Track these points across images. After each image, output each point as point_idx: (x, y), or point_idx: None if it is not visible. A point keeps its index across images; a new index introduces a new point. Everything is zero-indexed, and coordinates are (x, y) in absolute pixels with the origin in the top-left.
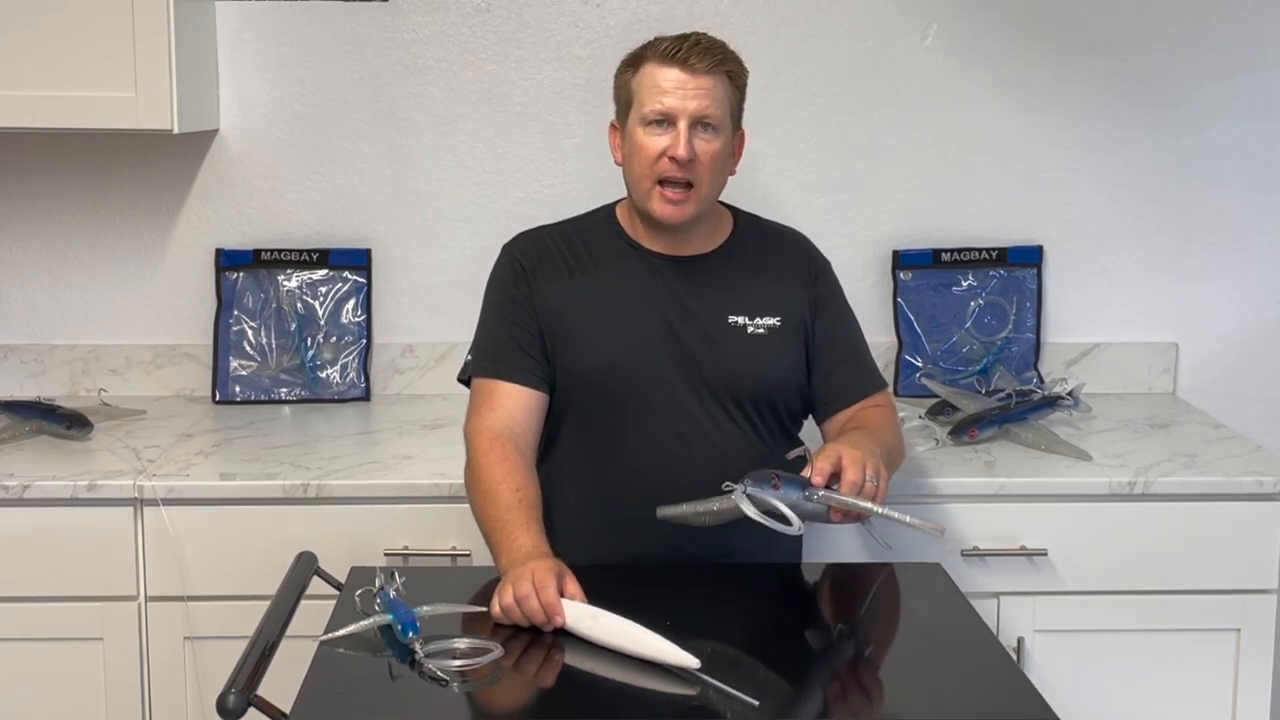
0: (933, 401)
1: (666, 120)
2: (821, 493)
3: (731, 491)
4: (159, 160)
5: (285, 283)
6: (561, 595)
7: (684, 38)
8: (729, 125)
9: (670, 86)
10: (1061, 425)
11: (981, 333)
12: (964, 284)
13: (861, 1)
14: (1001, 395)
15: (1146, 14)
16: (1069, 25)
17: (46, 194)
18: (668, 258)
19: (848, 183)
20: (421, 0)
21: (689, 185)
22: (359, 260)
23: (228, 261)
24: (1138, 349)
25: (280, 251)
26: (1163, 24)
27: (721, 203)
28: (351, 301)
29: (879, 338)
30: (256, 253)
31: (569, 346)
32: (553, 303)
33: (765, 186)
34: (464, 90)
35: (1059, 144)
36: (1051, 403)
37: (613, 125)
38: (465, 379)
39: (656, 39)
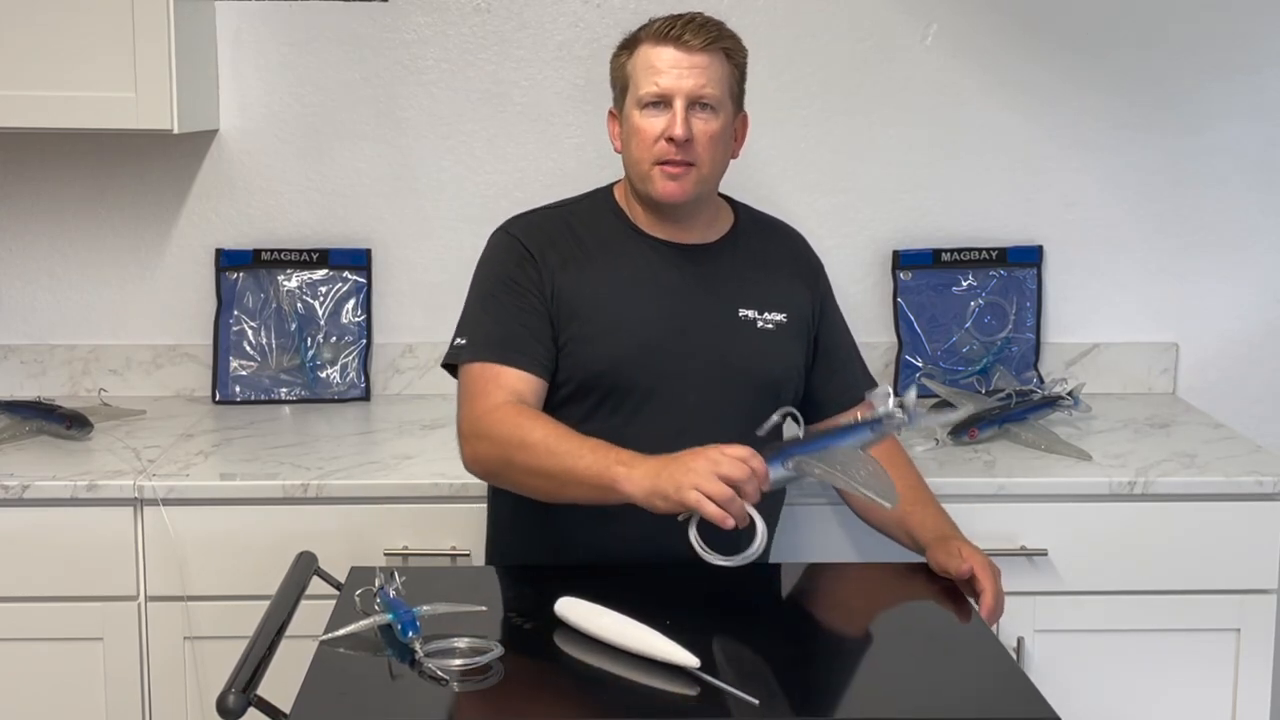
0: (933, 401)
1: (663, 101)
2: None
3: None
4: (159, 160)
5: (285, 283)
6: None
7: (678, 15)
8: (729, 105)
9: (665, 66)
10: (1061, 425)
11: (981, 333)
12: (964, 284)
13: (861, 1)
14: (1001, 395)
15: (1146, 14)
16: (1069, 25)
17: (46, 194)
18: (674, 245)
19: (848, 183)
20: (421, 0)
21: (688, 164)
22: (359, 260)
23: (228, 261)
24: (1138, 349)
25: (280, 251)
26: (1163, 24)
27: (720, 194)
28: (351, 301)
29: (879, 338)
30: (256, 253)
31: (580, 337)
32: (563, 292)
33: (766, 186)
34: (464, 90)
35: (1059, 144)
36: (1051, 403)
37: (611, 113)
38: (452, 363)
39: (652, 19)
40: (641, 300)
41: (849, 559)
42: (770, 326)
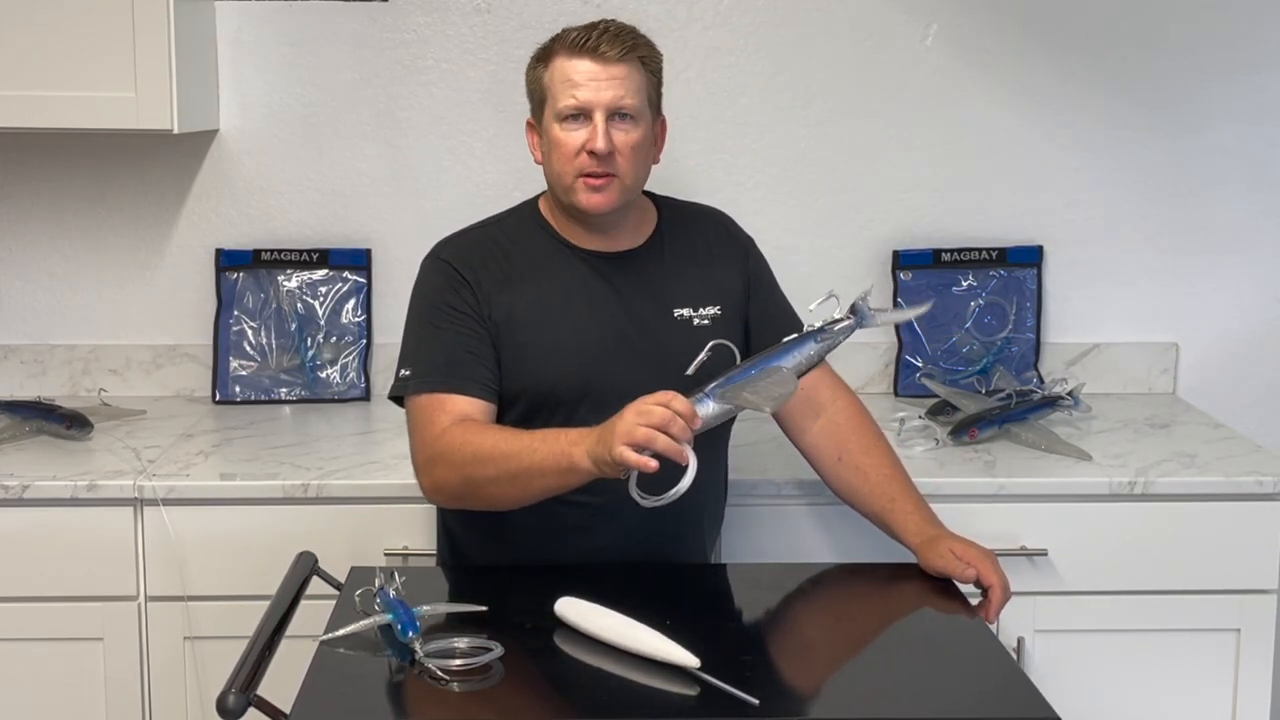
0: (933, 401)
1: (582, 114)
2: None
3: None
4: (159, 160)
5: (285, 283)
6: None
7: (593, 26)
8: (648, 113)
9: (583, 79)
10: (1061, 425)
11: (981, 333)
12: (964, 284)
13: (861, 1)
14: (1001, 395)
15: (1146, 14)
16: (1069, 25)
17: (46, 194)
18: (603, 255)
19: (848, 183)
20: (421, 0)
21: (610, 175)
22: (359, 260)
23: (228, 261)
24: (1138, 349)
25: (280, 251)
26: (1163, 24)
27: (643, 192)
28: (351, 301)
29: (879, 338)
30: (256, 253)
31: (522, 358)
32: (500, 313)
33: (765, 186)
34: (464, 90)
35: (1059, 144)
36: (1051, 403)
37: (529, 124)
38: (399, 396)
39: (565, 30)
40: (578, 314)
41: (848, 558)
42: (707, 322)
